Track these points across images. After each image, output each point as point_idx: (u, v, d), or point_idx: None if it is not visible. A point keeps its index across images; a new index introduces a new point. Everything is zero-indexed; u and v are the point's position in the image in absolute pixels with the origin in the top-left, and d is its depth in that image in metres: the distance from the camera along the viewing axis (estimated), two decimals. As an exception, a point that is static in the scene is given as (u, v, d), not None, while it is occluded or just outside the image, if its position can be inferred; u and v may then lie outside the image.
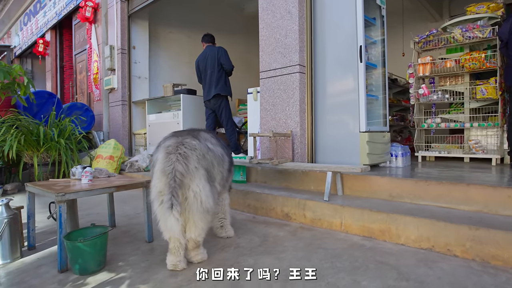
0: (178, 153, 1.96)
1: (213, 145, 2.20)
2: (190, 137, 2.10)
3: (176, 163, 1.92)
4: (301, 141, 3.41)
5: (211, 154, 2.12)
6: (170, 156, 1.96)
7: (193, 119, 5.42)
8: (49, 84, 9.05)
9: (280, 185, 3.55)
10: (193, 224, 2.04)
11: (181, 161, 1.94)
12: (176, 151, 1.97)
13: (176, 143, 2.02)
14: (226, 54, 4.67)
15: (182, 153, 1.96)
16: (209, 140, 2.22)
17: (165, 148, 2.03)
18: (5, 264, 2.25)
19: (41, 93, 5.60)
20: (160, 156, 2.02)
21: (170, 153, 1.97)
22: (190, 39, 7.48)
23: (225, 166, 2.30)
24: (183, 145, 2.01)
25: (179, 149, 1.98)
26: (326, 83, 3.46)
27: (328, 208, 2.70)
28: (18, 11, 10.61)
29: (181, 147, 2.00)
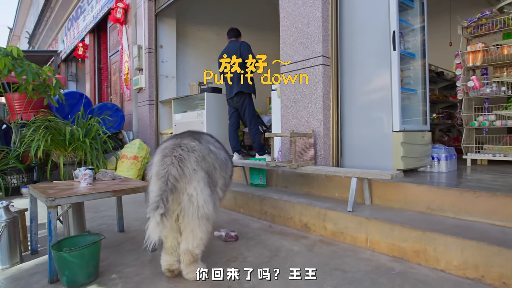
0: (174, 155, 1.82)
1: (216, 148, 2.06)
2: (190, 138, 1.96)
3: (170, 166, 1.77)
4: (325, 142, 3.03)
5: (213, 157, 1.96)
6: (165, 159, 1.82)
7: (217, 118, 5.22)
8: (88, 85, 9.41)
9: (301, 191, 3.20)
10: (190, 233, 1.83)
11: (176, 165, 1.78)
12: (172, 154, 1.83)
13: (173, 145, 1.89)
14: (249, 49, 4.39)
15: (177, 156, 1.82)
16: (212, 143, 2.07)
17: (161, 150, 1.90)
18: (3, 269, 2.16)
19: (73, 94, 5.74)
20: (156, 159, 1.88)
21: (165, 156, 1.83)
22: (218, 37, 7.31)
23: (228, 172, 2.13)
24: (180, 147, 1.86)
25: (174, 152, 1.83)
26: (354, 76, 3.05)
27: (352, 220, 2.32)
28: (63, 17, 11.21)
29: (178, 149, 1.85)
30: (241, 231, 2.74)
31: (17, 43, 20.08)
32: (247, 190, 3.39)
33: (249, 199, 3.21)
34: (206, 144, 1.99)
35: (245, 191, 3.33)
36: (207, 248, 2.19)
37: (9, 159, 4.56)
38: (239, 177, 3.93)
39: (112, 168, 5.25)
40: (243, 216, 3.24)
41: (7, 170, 4.50)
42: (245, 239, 2.56)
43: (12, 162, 4.54)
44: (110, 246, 2.51)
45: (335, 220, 2.43)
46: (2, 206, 2.23)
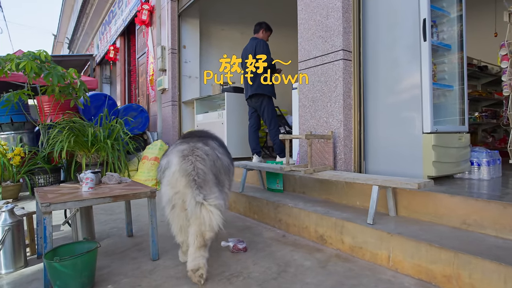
0: (196, 155, 1.97)
1: (221, 154, 2.20)
2: (202, 143, 2.11)
3: (196, 162, 1.93)
4: (345, 145, 2.76)
5: (219, 163, 2.12)
6: (188, 158, 1.95)
7: (238, 118, 5.06)
8: (119, 87, 9.67)
9: (320, 197, 2.95)
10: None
11: (200, 161, 1.95)
12: (193, 154, 1.98)
13: (190, 147, 2.03)
14: (264, 46, 4.19)
15: (199, 155, 1.98)
16: (217, 149, 2.21)
17: (179, 152, 2.01)
18: (6, 274, 2.13)
19: (98, 95, 5.84)
20: (175, 159, 1.97)
21: (187, 156, 1.96)
22: (243, 36, 7.17)
23: (230, 176, 2.28)
24: (198, 149, 2.02)
25: (195, 152, 1.99)
26: (379, 71, 2.75)
27: (372, 234, 2.04)
28: (97, 22, 11.64)
29: (196, 150, 2.01)
30: (252, 241, 2.55)
31: (61, 48, 21.27)
32: (263, 195, 3.19)
33: (263, 206, 3.00)
34: (214, 151, 2.13)
35: (260, 196, 3.13)
36: (211, 259, 2.04)
37: (37, 159, 4.70)
38: (255, 181, 3.74)
39: (134, 169, 5.26)
40: (257, 223, 3.04)
41: (35, 170, 4.64)
42: (254, 250, 2.36)
43: (39, 162, 4.67)
44: (115, 252, 2.42)
45: (353, 233, 2.16)
46: (6, 209, 2.20)
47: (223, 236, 2.67)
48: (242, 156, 5.08)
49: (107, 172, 2.56)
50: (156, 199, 2.27)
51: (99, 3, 10.00)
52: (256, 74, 4.26)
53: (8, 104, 4.79)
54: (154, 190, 2.25)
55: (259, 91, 4.25)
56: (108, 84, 12.68)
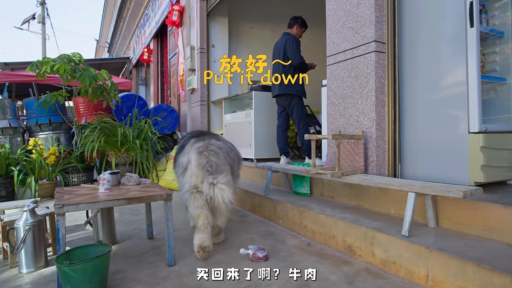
0: (210, 150, 2.32)
1: (232, 147, 2.66)
2: (214, 139, 2.47)
3: (210, 157, 2.29)
4: (378, 146, 2.50)
5: (233, 153, 2.56)
6: (203, 153, 2.30)
7: (265, 118, 4.90)
8: (152, 88, 9.89)
9: (349, 203, 2.71)
10: (219, 213, 2.37)
11: (214, 155, 2.30)
12: (207, 149, 2.32)
13: (205, 144, 2.37)
14: (294, 44, 3.99)
15: (213, 150, 2.33)
16: (228, 143, 2.62)
17: (196, 149, 2.34)
18: (27, 273, 2.14)
19: (130, 96, 5.95)
20: (193, 156, 2.31)
21: (202, 152, 2.31)
22: (273, 34, 7.00)
23: (240, 165, 2.74)
24: (211, 145, 2.36)
25: (209, 147, 2.34)
26: (417, 63, 2.46)
27: (407, 248, 1.79)
28: (133, 26, 12.03)
29: (211, 146, 2.35)
30: (274, 249, 2.37)
31: (102, 53, 22.36)
32: (289, 199, 3.00)
33: (288, 210, 2.82)
34: (227, 144, 2.57)
35: (285, 200, 2.95)
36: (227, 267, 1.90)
37: (71, 158, 4.86)
38: (281, 184, 3.56)
39: (163, 169, 5.29)
40: (281, 228, 2.86)
41: (69, 169, 4.79)
42: (276, 259, 2.19)
43: (73, 161, 4.81)
44: (133, 255, 2.36)
45: (385, 246, 1.92)
46: (28, 209, 2.21)
47: (243, 242, 2.53)
48: (270, 157, 4.92)
49: (127, 173, 2.52)
50: (172, 202, 2.18)
51: (135, 6, 10.30)
52: (285, 72, 4.08)
53: (46, 106, 5.00)
54: (170, 193, 2.15)
55: (288, 91, 4.06)
56: (143, 86, 13.07)
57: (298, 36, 4.22)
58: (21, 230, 2.14)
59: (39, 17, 14.49)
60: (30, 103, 5.33)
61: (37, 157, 4.51)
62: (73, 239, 2.78)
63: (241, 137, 5.07)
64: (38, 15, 14.50)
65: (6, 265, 2.27)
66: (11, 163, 4.37)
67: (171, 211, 2.16)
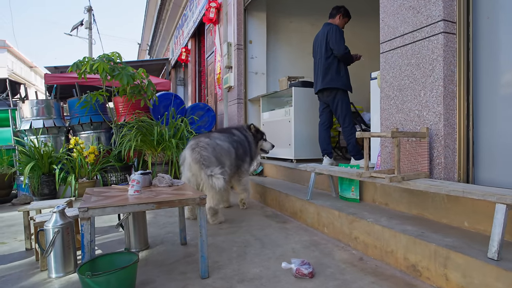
0: (200, 146, 2.95)
1: (221, 141, 3.14)
2: (204, 137, 3.10)
3: (201, 152, 2.91)
4: (446, 145, 2.09)
5: (219, 148, 3.07)
6: (195, 149, 2.93)
7: (306, 115, 4.58)
8: (190, 88, 9.91)
9: (409, 212, 2.32)
10: (210, 197, 2.90)
11: (204, 150, 2.93)
12: (198, 146, 2.95)
13: (196, 142, 3.01)
14: (337, 33, 3.64)
15: (202, 146, 2.95)
16: (218, 138, 3.15)
17: (189, 146, 3.02)
18: (56, 278, 2.02)
19: (167, 95, 5.90)
20: (188, 152, 3.00)
21: (194, 148, 2.95)
22: (313, 28, 6.64)
23: (232, 156, 3.22)
24: (200, 142, 3.00)
25: (199, 144, 2.97)
26: (499, 46, 2.02)
27: (499, 277, 1.40)
28: (172, 27, 12.21)
29: (200, 143, 2.98)
30: (320, 263, 2.07)
31: (144, 55, 23.17)
32: (335, 205, 2.67)
33: (335, 218, 2.49)
34: (215, 140, 3.09)
35: (331, 206, 2.62)
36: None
37: (110, 157, 4.87)
38: (326, 188, 3.23)
39: (199, 169, 5.14)
40: (327, 238, 2.54)
41: (107, 168, 4.80)
42: (323, 277, 1.88)
43: (111, 160, 4.82)
44: (164, 263, 2.17)
45: (464, 270, 1.54)
46: (57, 210, 2.10)
47: (284, 252, 2.24)
48: (311, 157, 4.59)
49: (158, 174, 2.33)
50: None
51: (173, 7, 10.40)
52: (329, 65, 3.74)
53: (87, 105, 5.07)
54: (204, 197, 1.93)
55: (332, 85, 3.72)
56: (182, 86, 13.22)
57: (341, 26, 3.86)
58: (50, 233, 2.03)
59: (86, 23, 15.24)
60: (72, 103, 5.45)
61: (78, 156, 4.56)
62: (106, 242, 2.67)
63: (280, 136, 4.79)
64: (85, 22, 15.27)
65: (37, 268, 2.18)
66: (53, 161, 4.45)
67: (204, 217, 1.93)
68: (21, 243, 2.69)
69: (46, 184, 4.30)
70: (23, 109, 5.13)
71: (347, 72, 3.80)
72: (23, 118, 5.12)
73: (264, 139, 3.82)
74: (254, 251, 2.31)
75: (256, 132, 3.72)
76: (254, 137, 3.66)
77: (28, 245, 2.54)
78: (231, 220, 3.15)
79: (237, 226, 2.93)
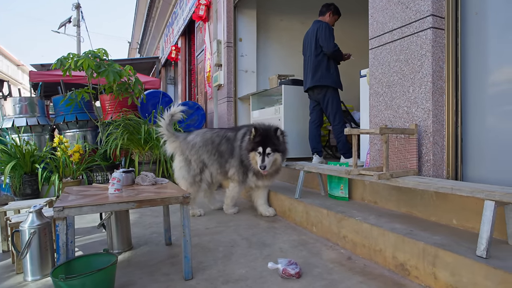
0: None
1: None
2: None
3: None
4: (435, 142, 2.06)
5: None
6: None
7: (296, 113, 4.53)
8: (180, 87, 9.79)
9: (397, 210, 2.29)
10: None
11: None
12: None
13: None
14: (327, 31, 3.60)
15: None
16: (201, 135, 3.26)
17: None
18: (32, 281, 1.93)
19: (155, 93, 5.79)
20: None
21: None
22: (304, 26, 6.59)
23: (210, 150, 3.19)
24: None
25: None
26: (488, 41, 2.00)
27: (488, 275, 1.37)
28: (162, 25, 12.05)
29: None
30: (307, 263, 2.02)
31: (135, 54, 22.88)
32: (324, 203, 2.63)
33: (323, 217, 2.45)
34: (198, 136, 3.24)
35: (320, 204, 2.58)
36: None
37: (95, 156, 4.75)
38: (315, 186, 3.19)
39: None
40: (315, 238, 2.49)
41: (93, 167, 4.68)
42: (310, 277, 1.83)
43: (97, 159, 4.70)
44: (147, 264, 2.09)
45: (453, 268, 1.50)
46: (33, 210, 2.00)
47: (272, 252, 2.19)
48: (301, 156, 4.54)
49: (142, 172, 2.26)
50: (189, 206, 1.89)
51: (163, 5, 10.26)
52: (318, 63, 3.70)
53: (72, 103, 4.94)
54: (187, 195, 1.86)
55: (322, 82, 3.68)
56: (172, 85, 13.06)
57: (331, 24, 3.83)
58: (26, 233, 1.94)
59: (74, 21, 14.97)
60: (57, 101, 5.30)
61: (62, 155, 4.43)
62: (88, 243, 2.57)
63: (270, 135, 4.73)
64: (73, 19, 14.99)
65: (12, 271, 2.08)
66: (36, 160, 4.31)
67: (188, 217, 1.86)
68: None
69: (28, 184, 4.16)
70: (5, 107, 4.97)
71: (337, 70, 3.76)
72: (5, 116, 4.96)
73: (259, 153, 2.79)
74: (241, 251, 2.25)
75: (253, 136, 2.87)
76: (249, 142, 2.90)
77: (5, 247, 2.44)
78: (219, 219, 3.09)
79: (225, 226, 2.86)
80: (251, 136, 2.87)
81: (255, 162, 2.84)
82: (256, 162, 2.82)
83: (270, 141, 2.80)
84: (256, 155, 2.82)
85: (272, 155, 2.80)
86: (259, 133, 2.83)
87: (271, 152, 2.78)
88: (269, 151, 2.77)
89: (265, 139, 2.80)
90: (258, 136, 2.82)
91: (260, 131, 2.84)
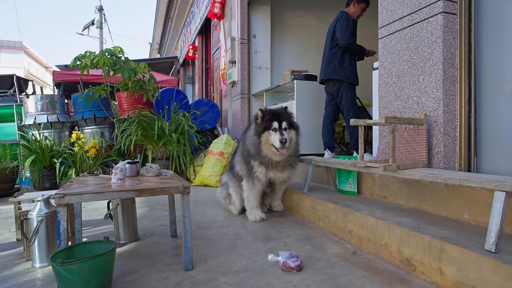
0: None
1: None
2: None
3: None
4: (446, 133, 1.96)
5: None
6: None
7: (309, 110, 4.47)
8: (197, 85, 9.89)
9: (407, 204, 2.19)
10: None
11: None
12: None
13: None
14: (345, 22, 3.45)
15: None
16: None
17: None
18: (40, 268, 1.98)
19: (170, 90, 5.87)
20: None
21: None
22: (319, 22, 6.52)
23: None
24: None
25: None
26: (504, 26, 1.88)
27: (496, 270, 1.28)
28: (181, 25, 12.23)
29: None
30: (310, 257, 1.97)
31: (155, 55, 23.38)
32: (331, 198, 2.56)
33: (330, 211, 2.38)
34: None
35: (327, 199, 2.52)
36: (252, 277, 1.55)
37: (111, 152, 4.86)
38: (325, 181, 3.12)
39: (201, 164, 5.10)
40: (321, 232, 2.43)
41: (109, 162, 4.80)
42: (311, 270, 1.78)
43: (112, 155, 4.81)
44: (151, 254, 2.11)
45: (460, 263, 1.42)
46: (41, 198, 2.06)
47: (276, 245, 2.15)
48: (314, 152, 4.47)
49: (147, 163, 2.28)
50: (190, 196, 1.88)
51: (181, 5, 10.41)
52: (333, 55, 3.59)
53: (89, 100, 5.08)
54: (187, 185, 1.85)
55: (334, 76, 3.57)
56: (190, 84, 13.23)
57: (356, 14, 3.61)
58: (34, 221, 2.00)
59: (97, 23, 15.45)
60: (76, 98, 5.48)
61: (79, 150, 4.56)
62: (97, 233, 2.63)
63: (282, 131, 4.68)
64: (96, 21, 15.47)
65: (23, 257, 2.15)
66: (54, 155, 4.46)
67: (188, 207, 1.85)
68: (13, 234, 2.68)
69: (47, 178, 4.32)
70: (27, 104, 5.18)
71: (352, 64, 3.59)
72: (28, 113, 5.17)
73: (274, 129, 2.47)
74: (244, 244, 2.23)
75: (261, 117, 2.56)
76: (256, 125, 2.59)
77: (19, 235, 2.53)
78: (226, 214, 3.08)
79: (231, 220, 2.85)
80: (258, 120, 2.56)
81: (269, 145, 2.48)
82: (269, 145, 2.48)
83: (284, 116, 2.53)
84: (271, 134, 2.46)
85: (289, 132, 2.49)
86: (268, 111, 2.55)
87: (287, 127, 2.48)
88: (285, 125, 2.46)
89: (278, 115, 2.51)
90: (268, 114, 2.52)
91: (269, 110, 2.57)
